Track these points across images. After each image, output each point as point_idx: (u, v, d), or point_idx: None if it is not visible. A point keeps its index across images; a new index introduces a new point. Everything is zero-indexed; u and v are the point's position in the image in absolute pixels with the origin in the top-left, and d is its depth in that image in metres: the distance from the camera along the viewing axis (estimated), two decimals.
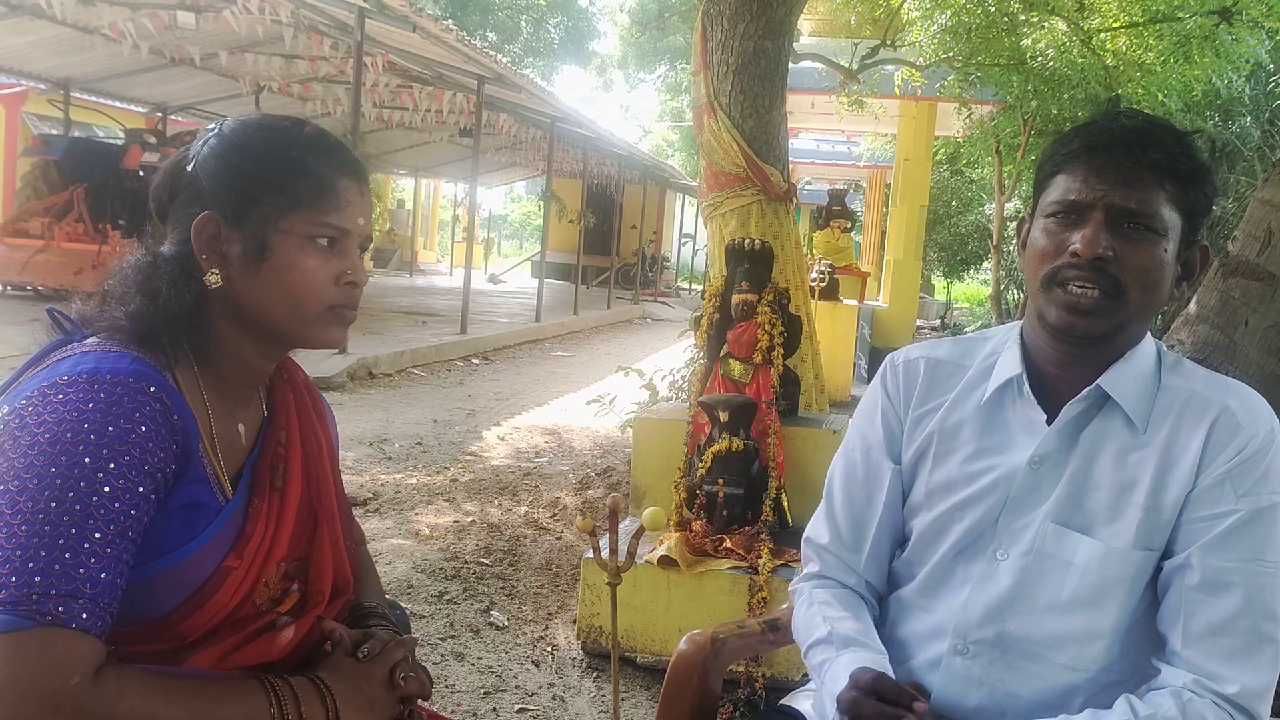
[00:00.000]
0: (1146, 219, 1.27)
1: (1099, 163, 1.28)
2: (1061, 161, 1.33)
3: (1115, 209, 1.27)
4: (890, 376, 1.51)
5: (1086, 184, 1.29)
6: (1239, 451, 1.27)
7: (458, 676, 3.10)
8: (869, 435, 1.51)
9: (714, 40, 4.48)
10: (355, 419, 6.80)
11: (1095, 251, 1.26)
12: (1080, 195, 1.29)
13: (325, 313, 1.25)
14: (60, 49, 11.41)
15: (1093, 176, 1.28)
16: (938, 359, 1.49)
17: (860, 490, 1.50)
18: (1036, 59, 8.41)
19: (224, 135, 1.24)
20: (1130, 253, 1.27)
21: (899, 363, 1.51)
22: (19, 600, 0.99)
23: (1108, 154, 1.28)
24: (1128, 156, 1.27)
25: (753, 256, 3.73)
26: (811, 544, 1.55)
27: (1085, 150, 1.30)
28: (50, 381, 1.09)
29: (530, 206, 41.11)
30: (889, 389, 1.50)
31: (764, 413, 3.55)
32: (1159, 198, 1.27)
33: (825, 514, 1.54)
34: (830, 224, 10.46)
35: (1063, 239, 1.30)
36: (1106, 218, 1.27)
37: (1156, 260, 1.29)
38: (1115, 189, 1.27)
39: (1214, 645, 1.23)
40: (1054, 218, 1.32)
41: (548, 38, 30.29)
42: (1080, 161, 1.30)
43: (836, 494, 1.53)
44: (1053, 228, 1.32)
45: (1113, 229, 1.27)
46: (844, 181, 19.26)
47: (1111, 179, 1.27)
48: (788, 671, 3.06)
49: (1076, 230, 1.29)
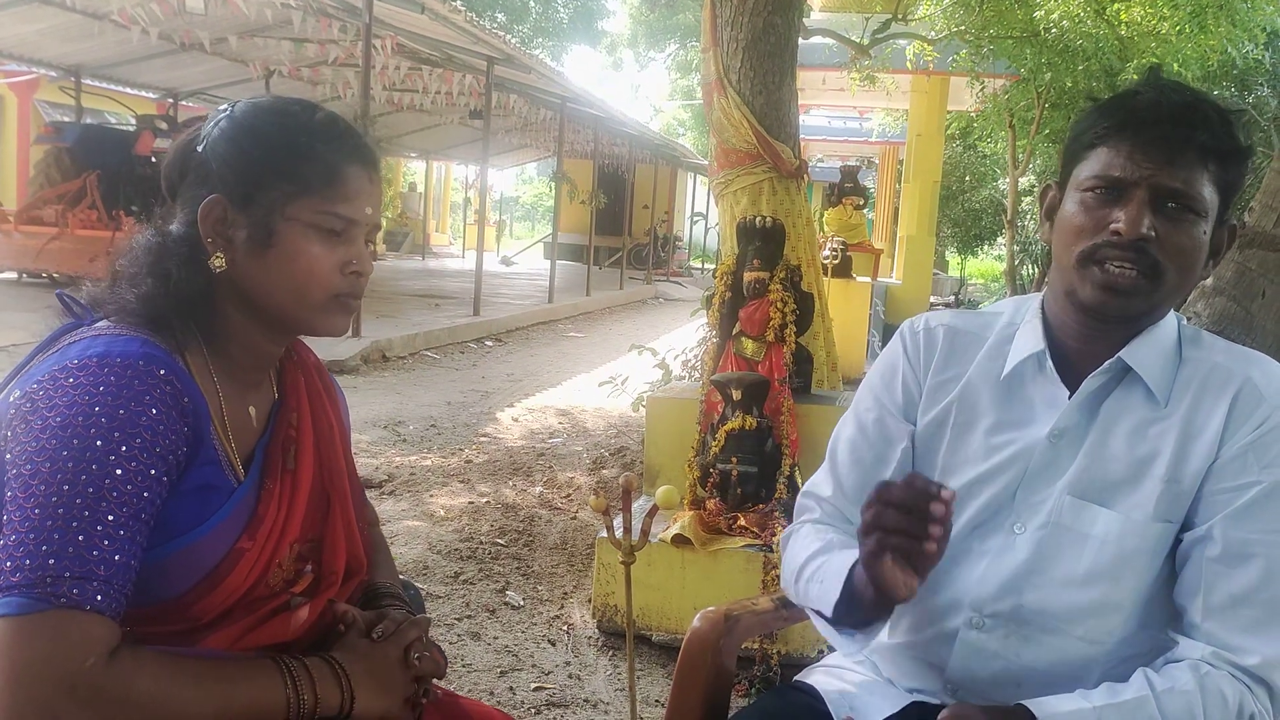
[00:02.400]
0: (1190, 200, 1.24)
1: (1145, 139, 1.24)
2: (1103, 133, 1.28)
3: (1161, 189, 1.24)
4: (910, 341, 1.48)
5: (1132, 160, 1.25)
6: (1262, 422, 1.26)
7: (474, 656, 3.11)
8: (884, 398, 1.48)
9: (723, 17, 4.44)
10: (369, 402, 6.82)
11: (1139, 232, 1.23)
12: (1125, 172, 1.25)
13: (329, 301, 1.24)
14: (70, 36, 11.42)
15: (1138, 153, 1.24)
16: (957, 328, 1.47)
17: (870, 450, 1.47)
18: (1050, 31, 8.31)
19: (235, 118, 1.23)
20: (1171, 233, 1.24)
21: (919, 329, 1.48)
22: (33, 583, 0.99)
23: (1155, 130, 1.24)
24: (1175, 134, 1.23)
25: (764, 234, 3.71)
26: (811, 495, 1.52)
27: (1130, 124, 1.26)
28: (61, 365, 1.09)
29: (541, 188, 41.05)
30: (909, 353, 1.47)
31: (777, 390, 3.55)
32: (1202, 178, 1.24)
33: (828, 470, 1.51)
34: (843, 201, 10.39)
35: (1102, 215, 1.26)
36: (1151, 197, 1.24)
37: (1195, 241, 1.26)
38: (1162, 168, 1.23)
39: (1234, 617, 1.22)
40: (1093, 193, 1.28)
41: (557, 17, 30.15)
42: (1125, 136, 1.26)
43: (842, 452, 1.50)
44: (1091, 203, 1.28)
45: (1155, 208, 1.24)
46: (856, 158, 19.18)
47: (1158, 158, 1.23)
48: (803, 648, 3.07)
49: (1117, 208, 1.25)
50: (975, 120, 12.78)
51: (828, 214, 10.54)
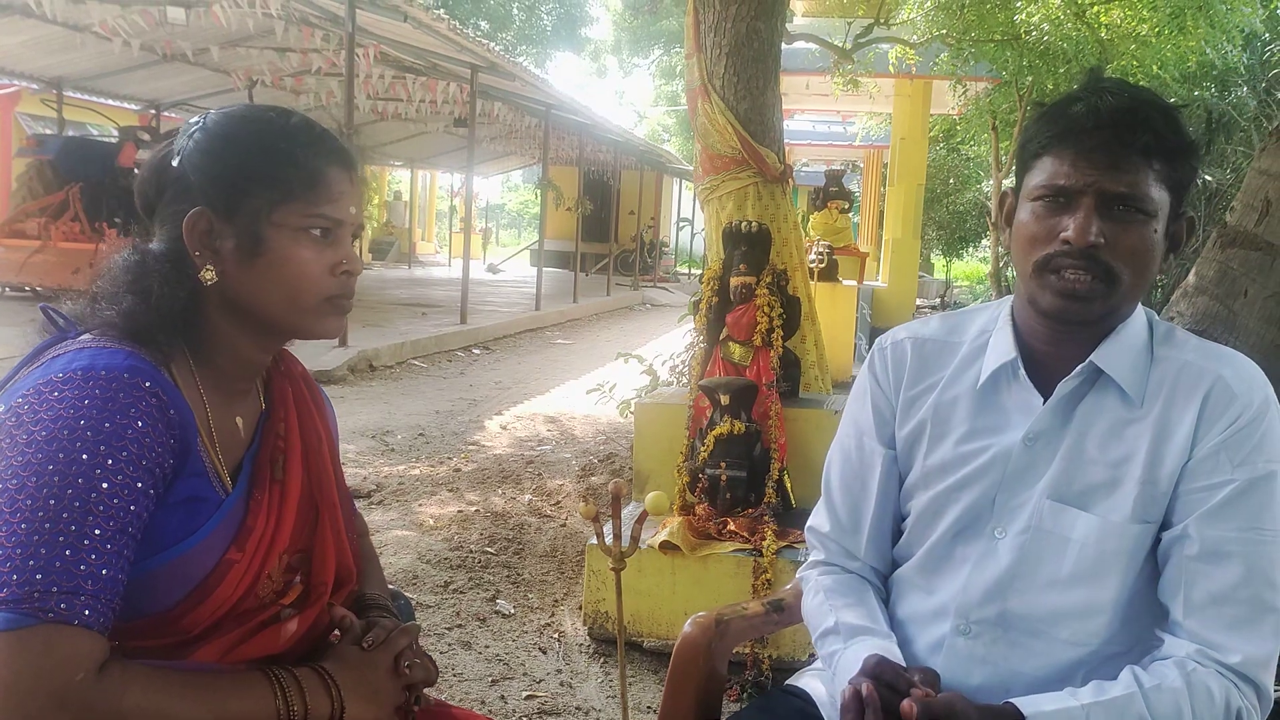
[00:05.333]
0: (1137, 201, 1.25)
1: (1087, 146, 1.26)
2: (1047, 143, 1.29)
3: (1106, 194, 1.25)
4: (879, 361, 1.50)
5: (1075, 168, 1.26)
6: (1234, 421, 1.27)
7: (465, 665, 3.10)
8: (860, 421, 1.51)
9: (706, 23, 4.46)
10: (357, 412, 6.80)
11: (1087, 240, 1.24)
12: (1070, 181, 1.26)
13: (322, 304, 1.24)
14: (51, 48, 11.38)
15: (1081, 160, 1.26)
16: (924, 338, 1.48)
17: (855, 477, 1.50)
18: (1030, 33, 8.35)
19: (209, 129, 1.22)
20: (1121, 236, 1.26)
21: (886, 346, 1.51)
22: (21, 598, 0.99)
23: (1096, 136, 1.25)
24: (1116, 139, 1.25)
25: (750, 239, 3.72)
26: (814, 532, 1.56)
27: (1071, 133, 1.27)
28: (45, 379, 1.09)
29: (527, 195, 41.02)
30: (877, 374, 1.50)
31: (765, 395, 3.55)
32: (1148, 178, 1.26)
33: (825, 502, 1.55)
34: (828, 205, 10.43)
35: (1052, 224, 1.28)
36: (1097, 203, 1.25)
37: (1147, 241, 1.28)
38: (1105, 174, 1.25)
39: (1216, 615, 1.23)
40: (1041, 201, 1.30)
41: (540, 25, 30.18)
42: (1067, 144, 1.27)
43: (834, 482, 1.54)
44: (1041, 212, 1.30)
45: (1103, 214, 1.26)
46: (841, 162, 19.18)
47: (1101, 163, 1.25)
48: (794, 652, 3.07)
49: (1066, 215, 1.27)
50: (958, 123, 12.82)
51: (813, 218, 10.58)
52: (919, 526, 1.43)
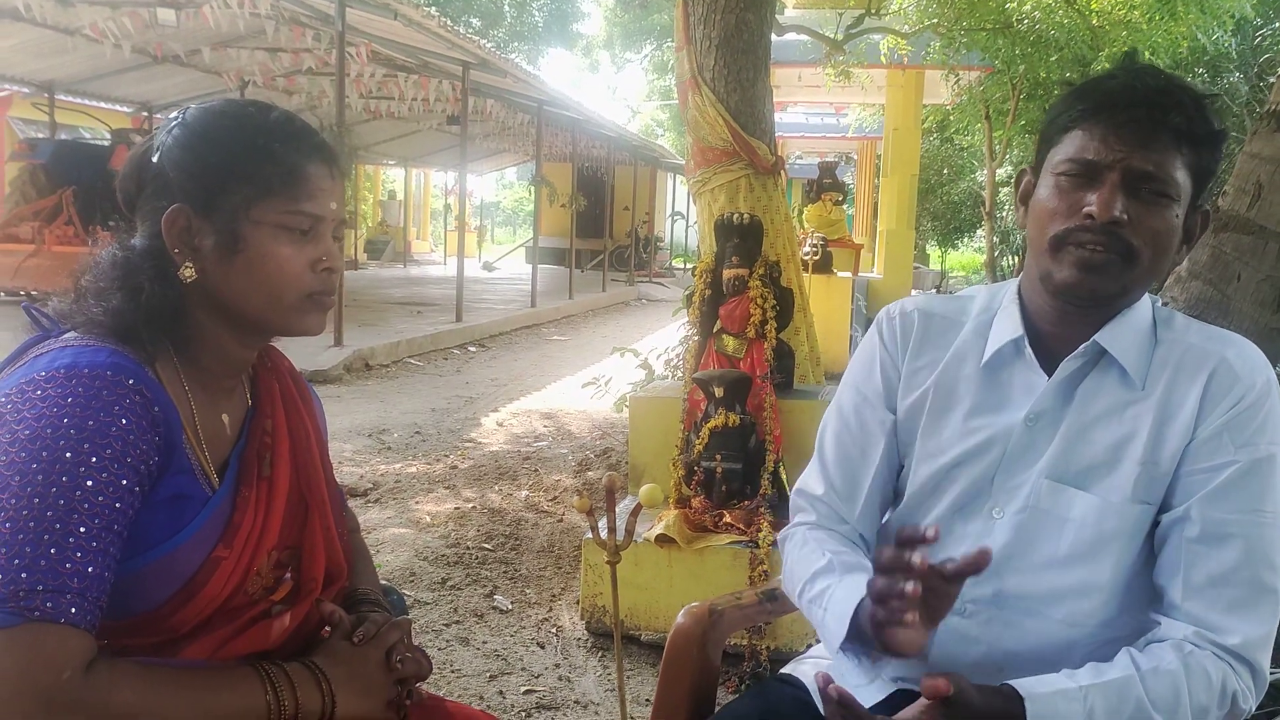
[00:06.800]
0: (1162, 183, 1.24)
1: (1118, 122, 1.24)
2: (1078, 117, 1.28)
3: (1133, 171, 1.24)
4: (887, 327, 1.49)
5: (1105, 144, 1.25)
6: (1236, 402, 1.26)
7: (463, 661, 3.10)
8: (865, 387, 1.48)
9: (695, 15, 4.45)
10: (353, 410, 6.80)
11: (1111, 215, 1.23)
12: (1098, 155, 1.25)
13: (303, 300, 1.23)
14: (42, 51, 11.35)
15: (1111, 136, 1.24)
16: (932, 311, 1.47)
17: (855, 443, 1.48)
18: (1022, 22, 8.35)
19: (188, 124, 1.21)
20: (1144, 216, 1.25)
21: (895, 314, 1.49)
22: (6, 597, 0.99)
23: (1128, 113, 1.24)
24: (1149, 118, 1.23)
25: (742, 231, 3.71)
26: (804, 494, 1.52)
27: (1105, 107, 1.26)
28: (28, 378, 1.08)
29: (521, 192, 41.01)
30: (885, 340, 1.48)
31: (759, 386, 3.55)
32: (1175, 161, 1.24)
33: (818, 467, 1.52)
34: (821, 197, 10.44)
35: (1075, 199, 1.27)
36: (1123, 180, 1.24)
37: (1168, 224, 1.26)
38: (1135, 151, 1.23)
39: (1215, 597, 1.23)
40: (1066, 176, 1.28)
41: (531, 21, 30.15)
42: (1099, 119, 1.26)
43: (829, 447, 1.50)
44: (1065, 186, 1.28)
45: (1129, 192, 1.24)
46: (834, 154, 19.20)
47: (1131, 140, 1.23)
48: (791, 643, 3.07)
49: (1090, 191, 1.25)
50: (951, 113, 12.81)
51: (807, 210, 10.58)
52: (916, 502, 1.42)
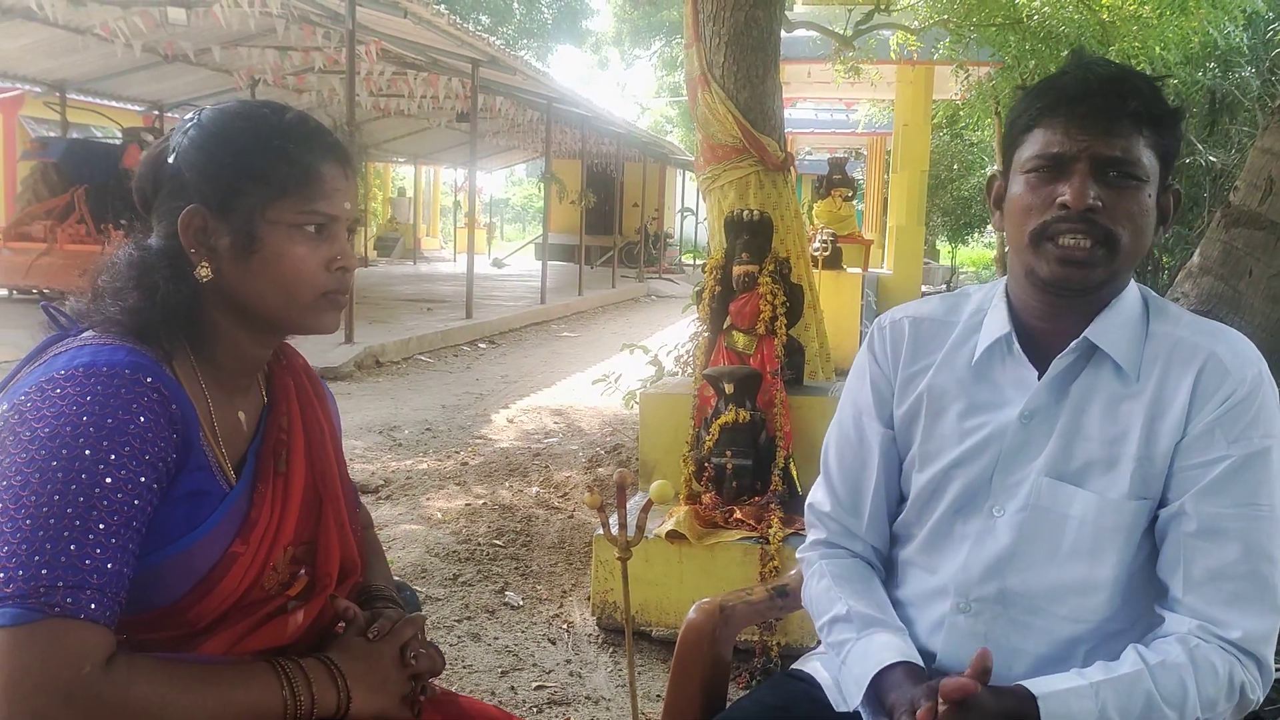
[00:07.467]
0: (1130, 166, 1.27)
1: (1079, 113, 1.27)
2: (1038, 115, 1.31)
3: (1100, 158, 1.26)
4: (877, 340, 1.51)
5: (1069, 135, 1.28)
6: (1227, 398, 1.27)
7: (475, 657, 3.12)
8: (859, 400, 1.51)
9: (705, 12, 4.45)
10: (364, 407, 6.82)
11: (1086, 202, 1.25)
12: (1063, 147, 1.28)
13: (318, 300, 1.24)
14: (54, 51, 11.40)
15: (1074, 127, 1.27)
16: (922, 317, 1.49)
17: (854, 456, 1.51)
18: (1032, 17, 8.32)
19: (203, 125, 1.22)
20: (1118, 200, 1.27)
21: (885, 325, 1.52)
22: (27, 593, 1.00)
23: (1087, 104, 1.27)
24: (1107, 105, 1.27)
25: (752, 227, 3.72)
26: (814, 510, 1.56)
27: (1063, 102, 1.29)
28: (47, 376, 1.10)
29: (531, 189, 41.04)
30: (876, 353, 1.51)
31: (769, 383, 3.55)
32: (1139, 144, 1.27)
33: (824, 481, 1.55)
34: (831, 193, 10.40)
35: (1048, 192, 1.29)
36: (1092, 168, 1.27)
37: (1142, 206, 1.29)
38: (1099, 139, 1.26)
39: (1215, 591, 1.24)
40: (1035, 172, 1.31)
41: (541, 18, 30.12)
42: (1059, 114, 1.29)
43: (832, 461, 1.54)
44: (1035, 182, 1.31)
45: (1098, 179, 1.27)
46: (844, 150, 19.13)
47: (1093, 129, 1.26)
48: (803, 639, 3.08)
49: (1061, 183, 1.28)
50: (961, 109, 12.75)
51: (817, 206, 10.54)
52: (918, 505, 1.44)
